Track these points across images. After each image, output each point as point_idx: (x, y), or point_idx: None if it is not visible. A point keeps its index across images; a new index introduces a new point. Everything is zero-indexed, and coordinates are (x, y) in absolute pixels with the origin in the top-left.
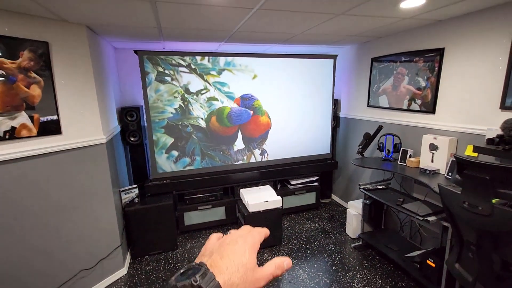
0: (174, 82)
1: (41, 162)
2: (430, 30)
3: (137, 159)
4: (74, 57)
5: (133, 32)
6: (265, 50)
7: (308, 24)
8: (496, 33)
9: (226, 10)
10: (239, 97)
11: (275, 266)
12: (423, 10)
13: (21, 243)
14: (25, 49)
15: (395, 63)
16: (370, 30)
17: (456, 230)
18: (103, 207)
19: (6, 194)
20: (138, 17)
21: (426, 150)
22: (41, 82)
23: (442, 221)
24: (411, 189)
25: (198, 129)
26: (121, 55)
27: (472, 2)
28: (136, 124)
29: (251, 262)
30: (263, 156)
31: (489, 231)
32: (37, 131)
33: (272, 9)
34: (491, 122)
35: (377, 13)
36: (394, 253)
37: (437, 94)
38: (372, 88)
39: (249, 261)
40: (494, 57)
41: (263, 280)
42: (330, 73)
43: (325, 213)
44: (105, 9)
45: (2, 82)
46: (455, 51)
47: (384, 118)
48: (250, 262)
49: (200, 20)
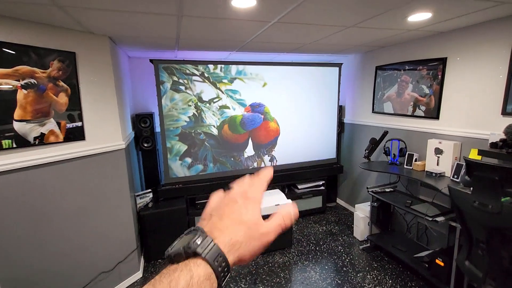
0: (188, 91)
1: (65, 167)
2: (433, 40)
3: (149, 165)
4: (97, 66)
5: (151, 42)
6: (272, 59)
7: (319, 35)
8: (496, 44)
9: (245, 23)
10: (249, 106)
11: (282, 216)
12: (428, 23)
13: (44, 246)
14: (55, 59)
15: (399, 71)
16: (375, 40)
17: (466, 229)
18: (121, 211)
19: (33, 199)
20: (161, 30)
21: (431, 154)
22: (68, 90)
23: (450, 221)
24: (417, 191)
25: (210, 136)
26: (134, 63)
27: (473, 16)
28: (150, 130)
29: (253, 218)
30: (272, 162)
31: (498, 228)
32: (63, 137)
33: (288, 22)
34: (493, 127)
35: (385, 25)
36: (403, 253)
37: (440, 100)
38: (377, 95)
39: (252, 217)
40: (495, 66)
41: (271, 234)
42: (336, 81)
43: (331, 217)
44: (132, 22)
45: (34, 90)
46: (457, 61)
47: (389, 123)
48: (253, 218)
49: (218, 31)
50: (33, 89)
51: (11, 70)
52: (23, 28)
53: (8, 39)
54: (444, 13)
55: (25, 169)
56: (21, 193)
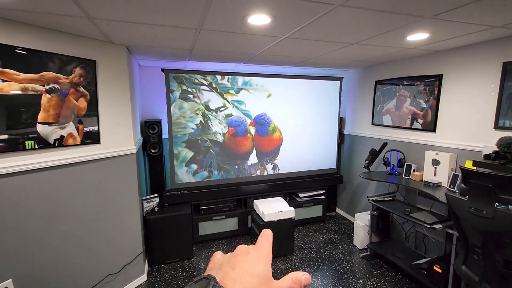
0: (196, 99)
1: (81, 169)
2: (429, 58)
3: (155, 170)
4: (115, 74)
5: (165, 53)
6: (276, 71)
7: (324, 51)
8: (488, 63)
9: (257, 37)
10: (253, 121)
11: (292, 280)
12: (426, 43)
13: (57, 246)
14: (77, 66)
15: (397, 86)
16: (375, 57)
17: (462, 235)
18: (129, 214)
19: (49, 199)
20: (177, 42)
21: (429, 164)
22: (87, 96)
23: (447, 228)
24: (415, 201)
25: (216, 144)
26: (145, 71)
27: (467, 38)
28: (157, 136)
29: (266, 272)
30: (274, 170)
31: (493, 232)
32: (80, 140)
33: (297, 38)
34: (487, 140)
35: (386, 43)
36: (402, 261)
37: (437, 114)
38: (376, 108)
39: (264, 271)
40: (487, 83)
41: None
42: (337, 93)
43: (331, 226)
44: (152, 33)
45: (57, 95)
46: (452, 78)
47: (388, 135)
48: (265, 272)
49: (231, 44)
50: (56, 94)
51: (37, 75)
52: (51, 37)
53: (37, 47)
54: (440, 34)
55: (44, 169)
56: (39, 193)
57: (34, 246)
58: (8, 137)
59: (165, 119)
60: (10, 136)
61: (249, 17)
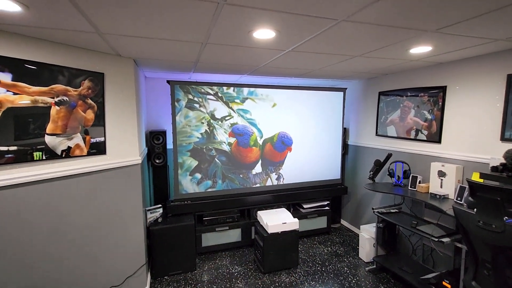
0: (202, 108)
1: (86, 179)
2: (433, 70)
3: (160, 180)
4: (122, 86)
5: (170, 65)
6: (280, 82)
7: (327, 63)
8: (492, 75)
9: (261, 50)
10: (232, 131)
11: None
12: (429, 55)
13: (61, 256)
14: (86, 79)
15: (401, 97)
16: (379, 68)
17: (472, 249)
18: (133, 224)
19: (55, 209)
20: (183, 55)
21: (435, 176)
22: (94, 108)
23: (456, 242)
24: (421, 213)
25: (221, 153)
26: (150, 83)
27: (470, 50)
28: (162, 147)
29: None
30: (279, 180)
31: (503, 247)
32: (87, 151)
33: (301, 51)
34: (493, 152)
35: (389, 56)
36: (409, 275)
37: (442, 125)
38: (380, 118)
39: None
40: (492, 95)
41: None
42: (340, 104)
43: (336, 238)
44: (159, 48)
45: (65, 107)
46: (456, 89)
47: (392, 146)
48: None
49: (236, 57)
50: (65, 106)
51: (47, 88)
52: (61, 51)
53: (48, 61)
54: (443, 47)
55: (51, 180)
56: (44, 203)
57: (38, 256)
58: (17, 148)
59: (169, 129)
60: (19, 147)
61: (254, 31)
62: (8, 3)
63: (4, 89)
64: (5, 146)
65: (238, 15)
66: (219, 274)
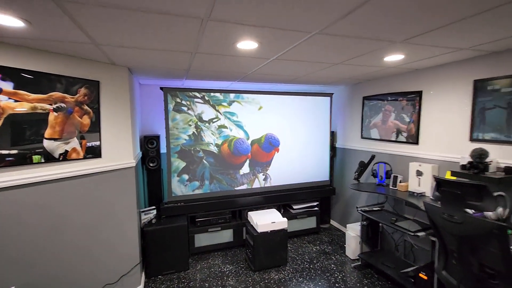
0: (189, 111)
1: (83, 181)
2: (410, 76)
3: (153, 183)
4: (116, 93)
5: (164, 73)
6: (269, 88)
7: (311, 70)
8: (461, 81)
9: (247, 59)
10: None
11: None
12: (402, 63)
13: (59, 255)
14: (82, 86)
15: (383, 101)
16: (361, 75)
17: (441, 241)
18: (128, 225)
19: (53, 209)
20: (175, 63)
21: (413, 175)
22: (90, 113)
23: (430, 236)
24: (403, 210)
25: (209, 154)
26: (144, 89)
27: (439, 58)
28: (156, 151)
29: None
30: (266, 181)
31: (465, 236)
32: (83, 154)
33: (285, 59)
34: (463, 151)
35: (366, 63)
36: (391, 270)
37: (419, 128)
38: (364, 122)
39: None
40: (461, 99)
41: None
42: (327, 109)
43: (325, 237)
44: (152, 57)
45: (63, 113)
46: (430, 94)
47: (376, 148)
48: None
49: (224, 65)
50: (62, 112)
51: (46, 95)
52: (59, 60)
53: (47, 70)
54: (413, 56)
55: (49, 182)
56: (43, 204)
57: (37, 255)
58: (17, 152)
59: (163, 134)
60: (19, 151)
61: (238, 43)
62: (12, 19)
63: (6, 96)
64: (6, 149)
65: (221, 29)
66: (211, 272)
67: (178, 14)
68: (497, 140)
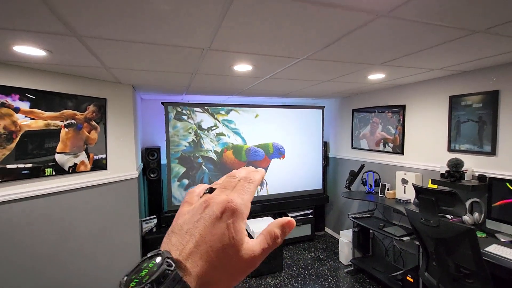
0: (189, 120)
1: (90, 192)
2: (394, 91)
3: (154, 193)
4: (121, 109)
5: (165, 89)
6: (264, 101)
7: (302, 86)
8: (438, 96)
9: (243, 78)
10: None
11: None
12: (384, 80)
13: (66, 263)
14: (91, 104)
15: (370, 114)
16: (349, 90)
17: (422, 244)
18: (131, 234)
19: (61, 219)
20: (176, 82)
21: (399, 184)
22: (98, 128)
23: (414, 240)
24: (391, 217)
25: (208, 160)
26: (145, 103)
27: (419, 76)
28: (156, 162)
29: (236, 242)
30: (261, 186)
31: (440, 239)
32: (91, 167)
33: (277, 78)
34: (443, 161)
35: (352, 80)
36: (381, 274)
37: (404, 139)
38: (354, 133)
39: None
40: (439, 113)
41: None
42: (320, 120)
43: (319, 244)
44: (155, 77)
45: (73, 129)
46: (413, 107)
47: (366, 158)
48: (235, 243)
49: (222, 83)
50: (72, 128)
51: (58, 113)
52: (71, 81)
53: (60, 90)
54: (393, 75)
55: (58, 193)
56: (52, 214)
57: (46, 262)
58: (31, 165)
59: (163, 146)
60: (33, 164)
61: (234, 66)
62: (37, 50)
63: (23, 115)
64: (22, 163)
65: (220, 56)
66: None
67: (183, 46)
68: (471, 151)
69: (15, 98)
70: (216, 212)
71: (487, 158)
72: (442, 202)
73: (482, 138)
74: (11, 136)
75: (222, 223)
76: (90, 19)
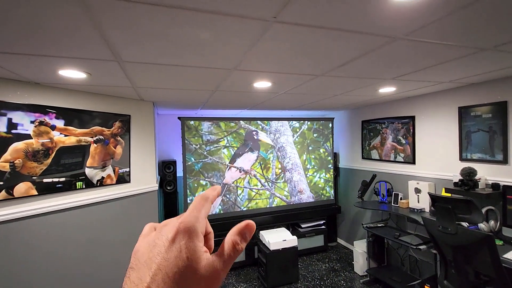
0: (204, 134)
1: (114, 204)
2: (403, 102)
3: (170, 205)
4: (143, 124)
5: (182, 105)
6: (276, 114)
7: (314, 99)
8: (448, 107)
9: (260, 93)
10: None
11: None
12: (395, 92)
13: (94, 269)
14: (117, 120)
15: (380, 125)
16: (359, 102)
17: (440, 252)
18: None
19: (90, 230)
20: (196, 98)
21: (412, 193)
22: (123, 143)
23: (431, 249)
24: (405, 226)
25: (220, 172)
26: (162, 118)
27: (427, 88)
28: (172, 175)
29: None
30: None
31: (458, 246)
32: (116, 180)
33: (291, 93)
34: (455, 170)
35: (364, 94)
36: (398, 284)
37: (415, 149)
38: (364, 144)
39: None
40: (449, 123)
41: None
42: (330, 132)
43: (333, 255)
44: (177, 95)
45: (101, 144)
46: (422, 118)
47: (377, 168)
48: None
49: (239, 98)
50: (100, 143)
51: (89, 130)
52: (100, 99)
53: (90, 108)
54: (403, 88)
55: (87, 205)
56: (82, 225)
57: (77, 270)
58: (65, 179)
59: (179, 159)
60: (66, 178)
61: (254, 83)
62: (78, 73)
63: (58, 132)
64: (56, 177)
65: (243, 75)
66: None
67: (211, 67)
68: (483, 160)
69: (51, 117)
70: (169, 236)
71: (500, 167)
72: (459, 210)
73: (493, 147)
74: (47, 152)
75: (175, 246)
76: (137, 48)
